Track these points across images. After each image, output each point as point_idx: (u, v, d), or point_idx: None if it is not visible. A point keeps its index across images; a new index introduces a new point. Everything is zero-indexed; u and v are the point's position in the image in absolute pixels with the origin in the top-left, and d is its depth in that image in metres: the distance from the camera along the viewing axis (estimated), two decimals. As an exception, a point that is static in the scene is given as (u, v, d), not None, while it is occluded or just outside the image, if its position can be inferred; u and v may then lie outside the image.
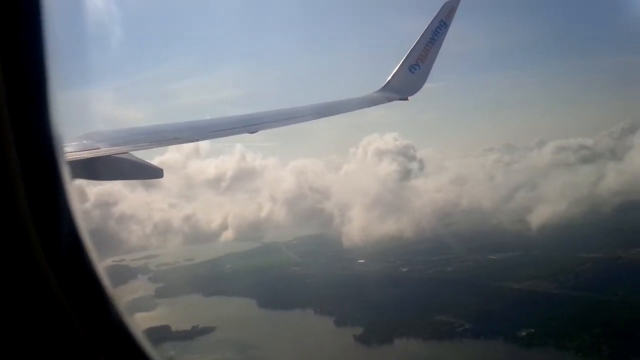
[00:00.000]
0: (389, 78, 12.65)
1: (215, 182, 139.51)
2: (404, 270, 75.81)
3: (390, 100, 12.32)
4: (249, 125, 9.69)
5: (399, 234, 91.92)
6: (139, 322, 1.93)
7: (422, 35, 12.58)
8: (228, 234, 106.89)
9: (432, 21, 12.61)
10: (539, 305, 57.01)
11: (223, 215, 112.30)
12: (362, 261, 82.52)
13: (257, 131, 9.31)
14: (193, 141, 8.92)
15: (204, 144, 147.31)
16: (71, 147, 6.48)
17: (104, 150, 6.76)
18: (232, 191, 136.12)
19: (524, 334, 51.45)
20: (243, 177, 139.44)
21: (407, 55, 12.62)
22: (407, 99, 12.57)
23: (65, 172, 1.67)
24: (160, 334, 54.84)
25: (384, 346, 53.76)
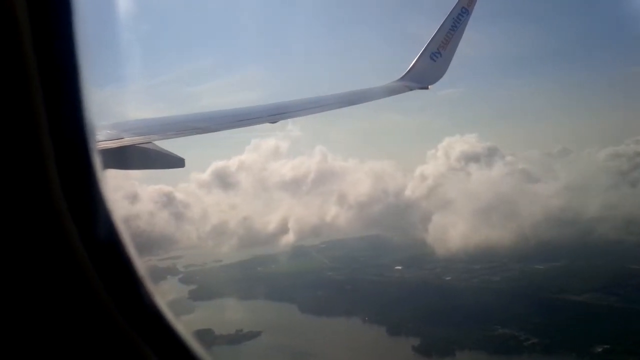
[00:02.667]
0: (410, 66, 12.29)
1: (288, 184, 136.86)
2: (447, 278, 73.05)
3: (411, 89, 12.03)
4: (272, 114, 9.67)
5: (434, 240, 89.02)
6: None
7: (443, 22, 12.29)
8: (289, 237, 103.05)
9: (453, 8, 12.25)
10: (606, 319, 53.99)
11: (280, 218, 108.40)
12: (399, 267, 79.69)
13: (277, 121, 9.39)
14: (213, 131, 8.70)
15: (283, 144, 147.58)
16: (97, 137, 5.28)
17: (127, 140, 6.86)
18: (301, 193, 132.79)
19: (599, 350, 48.33)
20: (320, 179, 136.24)
21: (429, 42, 12.29)
22: (427, 88, 12.25)
23: (98, 161, 1.72)
24: (203, 338, 51.83)
25: (447, 359, 50.75)
